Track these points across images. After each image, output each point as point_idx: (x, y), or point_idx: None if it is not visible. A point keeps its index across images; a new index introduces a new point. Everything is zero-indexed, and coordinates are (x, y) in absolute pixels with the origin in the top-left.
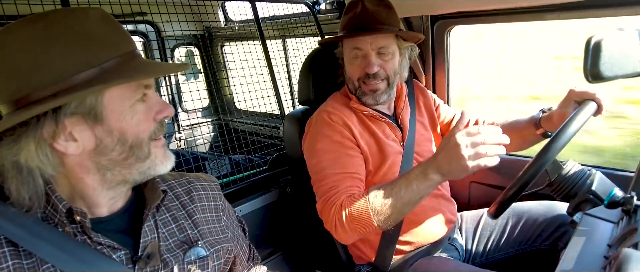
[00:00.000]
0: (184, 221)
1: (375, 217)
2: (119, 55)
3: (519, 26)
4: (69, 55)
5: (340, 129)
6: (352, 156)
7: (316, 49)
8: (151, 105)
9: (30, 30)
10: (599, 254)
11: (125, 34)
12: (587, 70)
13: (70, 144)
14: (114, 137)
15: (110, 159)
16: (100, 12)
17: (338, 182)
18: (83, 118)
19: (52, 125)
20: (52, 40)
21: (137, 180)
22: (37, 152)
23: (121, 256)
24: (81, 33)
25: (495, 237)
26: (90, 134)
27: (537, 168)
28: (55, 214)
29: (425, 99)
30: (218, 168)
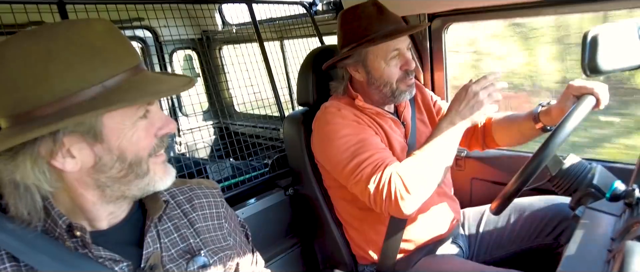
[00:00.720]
0: (186, 229)
1: (427, 170)
2: (122, 71)
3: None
4: (70, 72)
5: (354, 118)
6: (375, 136)
7: (315, 50)
8: (153, 122)
9: (32, 43)
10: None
11: (129, 46)
12: (584, 64)
13: (68, 161)
14: (113, 155)
15: (109, 176)
16: (104, 24)
17: (380, 160)
18: (82, 136)
19: (49, 143)
20: (53, 55)
21: (137, 195)
22: (33, 170)
23: (124, 268)
24: (83, 47)
25: (498, 234)
26: (89, 152)
27: (537, 164)
28: (55, 228)
29: (423, 97)
30: (219, 172)
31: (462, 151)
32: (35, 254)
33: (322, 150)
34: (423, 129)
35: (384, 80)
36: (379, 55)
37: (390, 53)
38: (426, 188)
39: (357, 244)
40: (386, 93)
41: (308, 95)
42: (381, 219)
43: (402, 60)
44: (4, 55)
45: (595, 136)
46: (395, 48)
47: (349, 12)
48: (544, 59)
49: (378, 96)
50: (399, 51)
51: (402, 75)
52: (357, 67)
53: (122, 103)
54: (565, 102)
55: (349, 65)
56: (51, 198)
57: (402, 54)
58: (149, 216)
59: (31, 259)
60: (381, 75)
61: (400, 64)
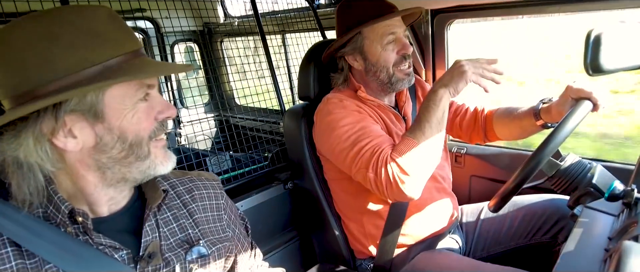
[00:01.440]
0: (185, 220)
1: (423, 150)
2: (123, 54)
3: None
4: (72, 53)
5: (356, 108)
6: (376, 123)
7: (316, 43)
8: (153, 105)
9: (35, 26)
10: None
11: (130, 32)
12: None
13: (70, 141)
14: (114, 135)
15: (110, 156)
16: (107, 11)
17: (379, 144)
18: (83, 115)
19: (51, 121)
20: (56, 37)
21: (138, 179)
22: (35, 147)
23: (123, 255)
24: (86, 31)
25: (496, 231)
26: (90, 131)
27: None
28: (57, 214)
29: (423, 92)
30: (219, 164)
31: (462, 147)
32: (36, 239)
33: (324, 140)
34: None
35: (380, 65)
36: (374, 40)
37: (386, 37)
38: (424, 167)
39: (356, 238)
40: (383, 79)
41: (309, 89)
42: (380, 214)
43: (398, 45)
44: (9, 36)
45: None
46: (390, 32)
47: (344, 3)
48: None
49: (376, 84)
50: (395, 35)
51: (399, 60)
52: (355, 55)
53: (122, 78)
54: (563, 104)
55: (347, 55)
56: (54, 183)
57: (398, 39)
58: (148, 204)
59: (32, 244)
60: (377, 60)
61: (396, 49)
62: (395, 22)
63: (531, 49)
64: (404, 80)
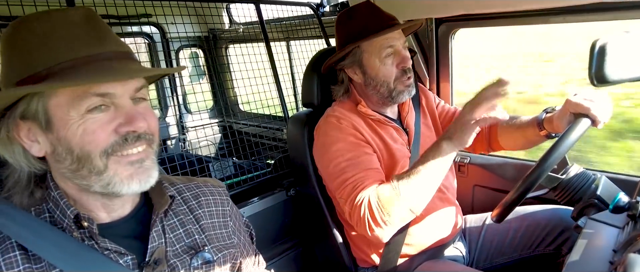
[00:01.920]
0: (191, 225)
1: (405, 201)
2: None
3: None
4: (25, 58)
5: (352, 131)
6: (370, 154)
7: (320, 51)
8: (116, 116)
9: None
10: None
11: (100, 35)
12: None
13: (35, 146)
14: (62, 146)
15: (66, 168)
16: (83, 14)
17: (361, 180)
18: (35, 122)
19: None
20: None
21: (104, 193)
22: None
23: (128, 260)
24: (41, 36)
25: (499, 241)
26: (45, 139)
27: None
28: (64, 219)
29: (427, 101)
30: (222, 170)
31: (466, 157)
32: (42, 243)
33: (318, 160)
34: (428, 134)
35: (379, 80)
36: (373, 54)
37: (384, 50)
38: (399, 217)
39: (358, 246)
40: (384, 93)
41: (313, 96)
42: None
43: (397, 58)
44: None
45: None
46: (389, 45)
47: (343, 13)
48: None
49: (377, 97)
50: (393, 48)
51: (399, 74)
52: (354, 68)
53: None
54: (562, 117)
55: (346, 67)
56: (60, 188)
57: (397, 52)
58: (154, 210)
59: (38, 248)
60: (377, 74)
61: (396, 62)
62: (395, 34)
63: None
64: (405, 92)
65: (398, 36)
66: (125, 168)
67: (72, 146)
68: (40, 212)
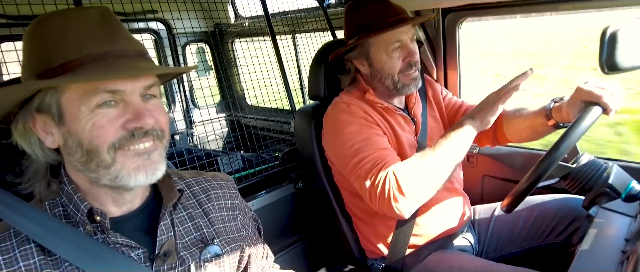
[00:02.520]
0: (200, 219)
1: (428, 174)
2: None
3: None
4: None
5: (362, 114)
6: (381, 135)
7: (326, 43)
8: (124, 112)
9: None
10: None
11: (114, 33)
12: (602, 61)
13: (49, 138)
14: (73, 140)
15: (76, 160)
16: (100, 12)
17: (381, 158)
18: (49, 115)
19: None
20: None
21: (113, 185)
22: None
23: (139, 254)
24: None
25: (509, 231)
26: (58, 132)
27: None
28: (77, 213)
29: (434, 92)
30: (230, 163)
31: (474, 147)
32: (54, 238)
33: (329, 145)
34: (434, 125)
35: (385, 73)
36: (380, 48)
37: (392, 44)
38: (423, 191)
39: (367, 238)
40: (388, 86)
41: (319, 89)
42: None
43: (404, 52)
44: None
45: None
46: (396, 39)
47: (352, 4)
48: None
49: (382, 89)
50: (400, 42)
51: (404, 67)
52: (361, 60)
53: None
54: (572, 105)
55: (353, 58)
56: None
57: (404, 45)
58: (164, 204)
59: (50, 244)
60: (382, 67)
61: (402, 56)
62: (403, 29)
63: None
64: (410, 85)
65: (406, 30)
66: (132, 160)
67: (82, 139)
68: (53, 206)
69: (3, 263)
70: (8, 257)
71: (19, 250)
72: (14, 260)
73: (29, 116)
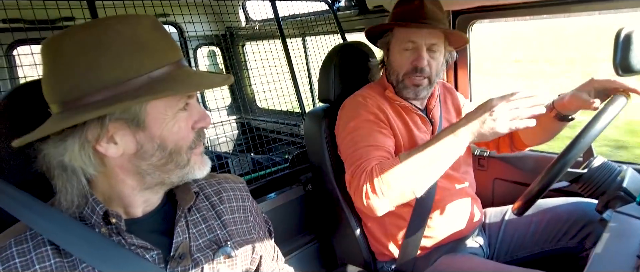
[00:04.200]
0: (214, 221)
1: (407, 176)
2: (166, 64)
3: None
4: (119, 63)
5: (374, 110)
6: (385, 134)
7: (336, 46)
8: (192, 114)
9: (85, 35)
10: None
11: (173, 42)
12: (616, 62)
13: (111, 147)
14: (154, 143)
15: (149, 163)
16: (151, 20)
17: (368, 152)
18: (126, 123)
19: (97, 128)
20: (104, 47)
21: (175, 183)
22: (80, 153)
23: (154, 255)
24: (132, 40)
25: (520, 235)
26: (131, 138)
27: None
28: (92, 216)
29: (453, 98)
30: (240, 165)
31: (485, 150)
32: (71, 238)
33: (337, 134)
34: None
35: (393, 68)
36: (397, 42)
37: (405, 44)
38: (398, 193)
39: (377, 240)
40: (392, 81)
41: (329, 91)
42: (402, 215)
43: (414, 55)
44: (60, 44)
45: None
46: (410, 39)
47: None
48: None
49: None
50: (414, 45)
51: (410, 70)
52: (384, 46)
53: (167, 92)
54: (580, 91)
55: (381, 45)
56: (91, 185)
57: (416, 49)
58: (179, 206)
59: (67, 243)
60: (392, 62)
61: (412, 58)
62: (422, 33)
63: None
64: (410, 90)
65: (425, 34)
66: (198, 158)
67: (167, 142)
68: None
69: (20, 265)
70: (25, 260)
71: (35, 252)
72: (30, 262)
73: (98, 128)
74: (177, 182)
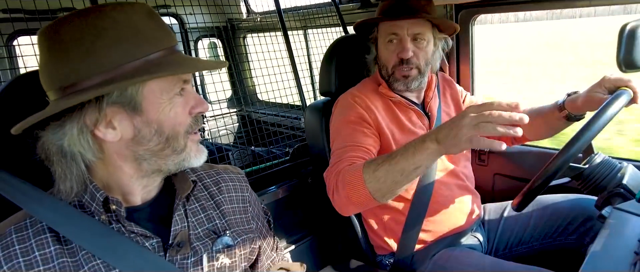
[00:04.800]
0: (213, 211)
1: (368, 182)
2: (162, 49)
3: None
4: (116, 47)
5: (360, 111)
6: (366, 134)
7: (338, 39)
8: (188, 100)
9: (82, 21)
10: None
11: (167, 29)
12: (620, 58)
13: (110, 132)
14: (151, 128)
15: (147, 149)
16: (146, 8)
17: (345, 152)
18: (123, 107)
19: (94, 112)
20: (101, 32)
21: (172, 170)
22: (79, 137)
23: (153, 243)
24: (128, 26)
25: (519, 230)
26: (129, 123)
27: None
28: (92, 203)
29: (452, 91)
30: (241, 158)
31: None
32: (72, 227)
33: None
34: None
35: (381, 62)
36: (381, 36)
37: (388, 36)
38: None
39: (376, 233)
40: (384, 75)
41: (330, 84)
42: (401, 209)
43: (398, 47)
44: (58, 32)
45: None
46: (392, 32)
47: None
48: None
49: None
50: (397, 36)
51: (397, 62)
52: (374, 42)
53: (164, 72)
54: (594, 91)
55: (371, 41)
56: (91, 171)
57: (400, 40)
58: (177, 194)
59: (68, 231)
60: (380, 56)
61: (397, 50)
62: (402, 23)
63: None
64: (400, 82)
65: (405, 25)
66: (195, 145)
67: (164, 127)
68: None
69: (20, 252)
70: (24, 247)
71: (35, 240)
72: (30, 249)
73: (96, 112)
74: (174, 170)
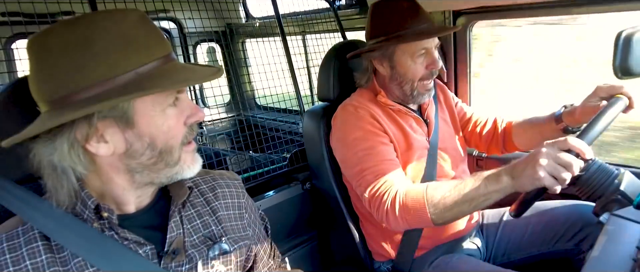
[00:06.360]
0: (208, 217)
1: (431, 210)
2: (154, 60)
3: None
4: (105, 59)
5: (369, 120)
6: (387, 144)
7: (337, 44)
8: (183, 109)
9: (70, 32)
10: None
11: (160, 36)
12: (616, 65)
13: (102, 146)
14: (143, 141)
15: (139, 162)
16: (138, 14)
17: (384, 170)
18: (115, 121)
19: (85, 127)
20: (89, 44)
21: (164, 183)
22: (69, 152)
23: (147, 250)
24: (118, 36)
25: (517, 237)
26: (120, 137)
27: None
28: (85, 211)
29: (445, 97)
30: (238, 163)
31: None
32: (65, 233)
33: (336, 148)
34: (445, 128)
35: (407, 78)
36: (406, 52)
37: (419, 51)
38: (421, 222)
39: (374, 239)
40: (406, 91)
41: (329, 90)
42: None
43: (428, 59)
44: (46, 43)
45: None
46: (423, 47)
47: (381, 4)
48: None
49: (398, 93)
50: (426, 50)
51: (426, 75)
52: (382, 61)
53: (154, 89)
54: (589, 101)
55: (374, 58)
56: (83, 180)
57: (429, 53)
58: (173, 201)
59: (62, 237)
60: (405, 72)
61: (426, 63)
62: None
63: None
64: (424, 95)
65: (433, 39)
66: (189, 156)
67: (157, 141)
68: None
69: (10, 261)
70: (15, 255)
71: (27, 248)
72: (21, 258)
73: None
74: (166, 183)
